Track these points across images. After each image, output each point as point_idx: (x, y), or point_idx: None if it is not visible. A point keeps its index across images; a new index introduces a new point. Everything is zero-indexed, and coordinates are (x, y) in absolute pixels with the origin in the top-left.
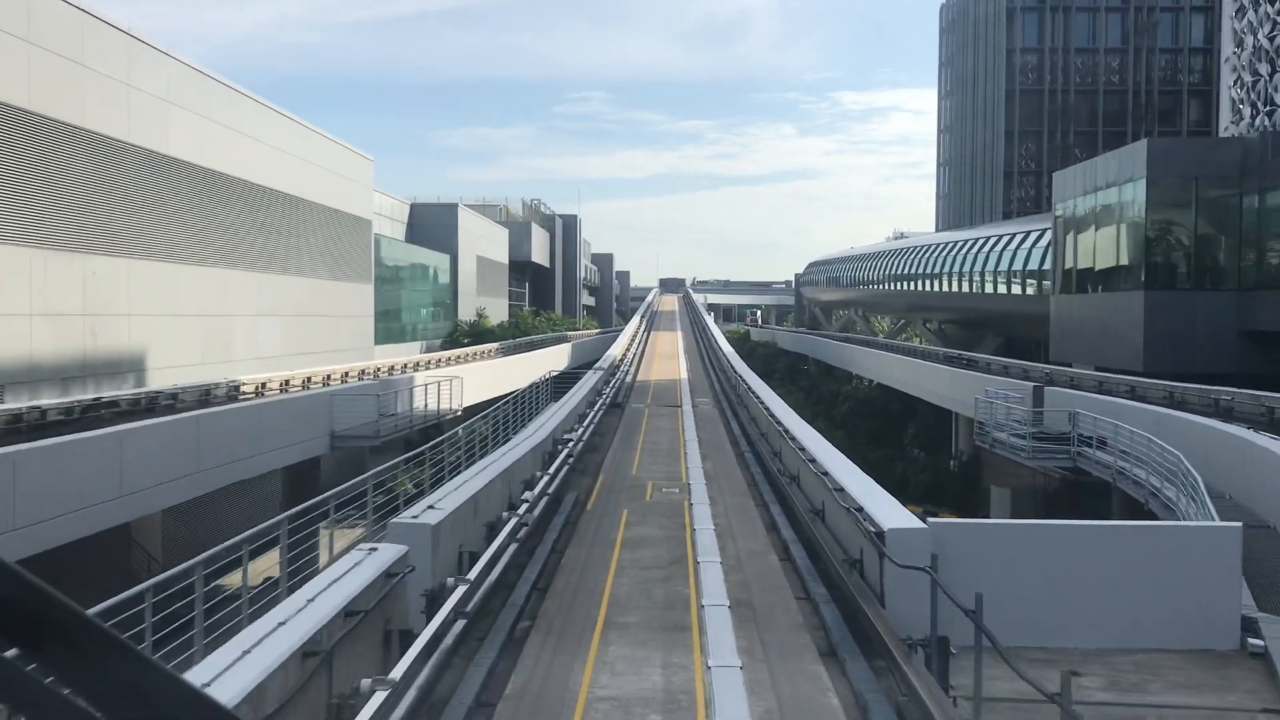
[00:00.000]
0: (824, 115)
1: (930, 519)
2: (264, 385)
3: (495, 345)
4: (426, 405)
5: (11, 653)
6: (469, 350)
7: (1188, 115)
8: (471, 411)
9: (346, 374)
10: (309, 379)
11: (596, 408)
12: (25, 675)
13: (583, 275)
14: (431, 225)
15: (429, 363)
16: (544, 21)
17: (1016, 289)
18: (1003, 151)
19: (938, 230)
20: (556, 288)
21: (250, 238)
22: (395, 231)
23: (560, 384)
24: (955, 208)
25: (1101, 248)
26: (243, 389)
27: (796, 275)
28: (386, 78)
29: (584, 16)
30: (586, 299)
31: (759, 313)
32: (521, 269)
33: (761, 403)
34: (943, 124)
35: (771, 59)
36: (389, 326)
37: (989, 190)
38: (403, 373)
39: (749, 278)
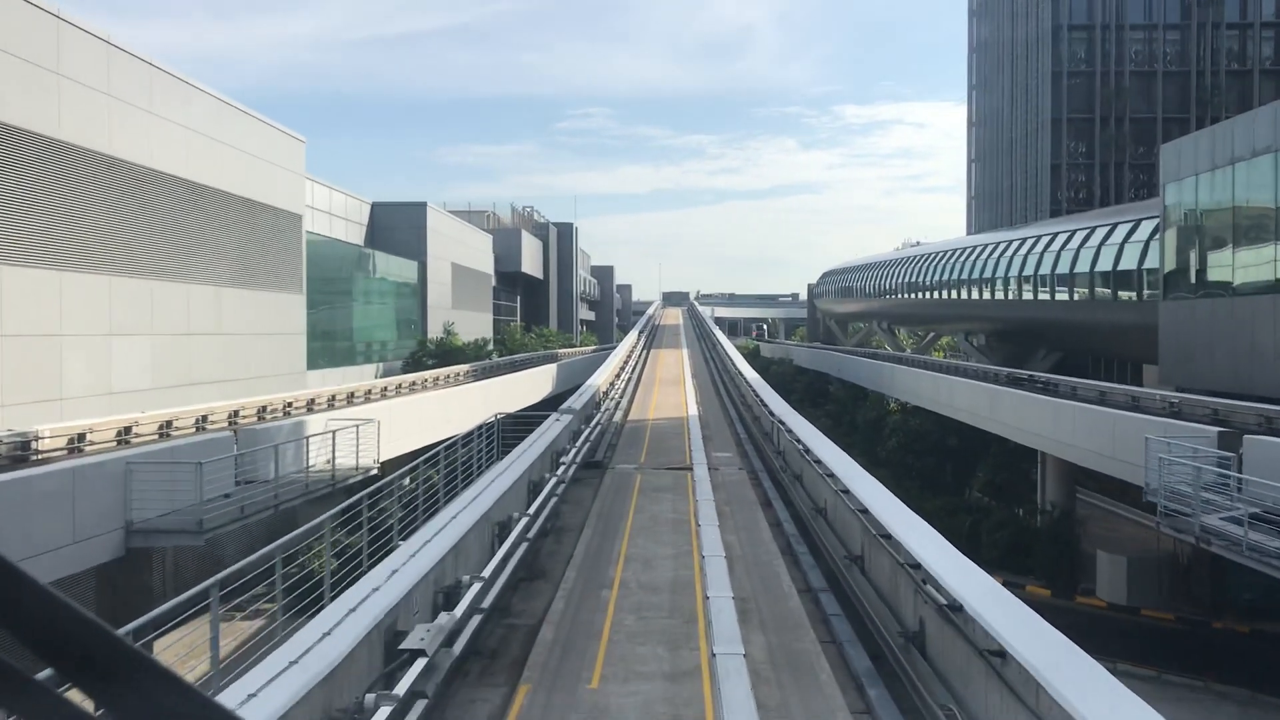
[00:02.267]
0: (825, 129)
1: None
2: (82, 437)
3: (465, 367)
4: (311, 465)
5: (46, 674)
6: (415, 377)
7: (1260, 99)
8: (391, 467)
9: (238, 413)
10: (167, 424)
11: (541, 501)
12: (55, 695)
13: (580, 288)
14: (396, 228)
15: (366, 393)
16: (546, 40)
17: (1081, 294)
18: (1049, 142)
19: (970, 233)
20: (551, 301)
21: (104, 229)
22: (352, 234)
23: (516, 429)
24: (991, 207)
25: (1245, 237)
26: (40, 446)
27: (809, 286)
28: (389, 96)
29: (586, 35)
30: (585, 313)
31: (765, 327)
32: (512, 281)
33: (842, 492)
34: (973, 116)
35: (773, 74)
36: (334, 346)
37: (1033, 186)
38: (329, 407)
39: (753, 291)
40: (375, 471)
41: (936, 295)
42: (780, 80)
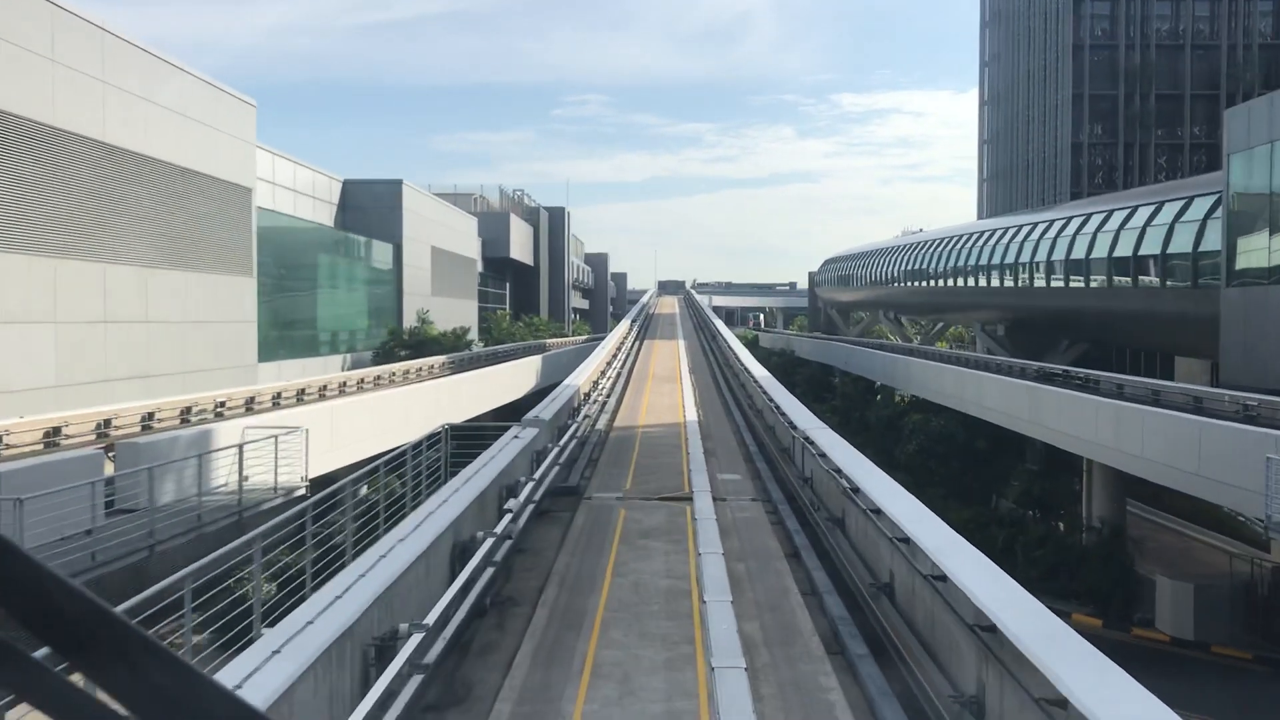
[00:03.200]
0: (823, 117)
1: None
2: None
3: (440, 360)
4: (216, 486)
5: (43, 652)
6: (381, 370)
7: None
8: (328, 483)
9: (153, 415)
10: (55, 431)
11: (464, 584)
12: (54, 675)
13: (573, 276)
14: (369, 207)
15: (321, 389)
16: (542, 25)
17: (1122, 281)
18: (1069, 119)
19: (981, 217)
20: (542, 289)
21: None
22: (321, 213)
23: (471, 440)
24: (1005, 190)
25: None
26: None
27: (811, 274)
28: (385, 83)
29: (582, 20)
30: (578, 301)
31: (762, 316)
32: (501, 267)
33: (935, 579)
34: (985, 95)
35: (770, 61)
36: (294, 336)
37: (1050, 167)
38: (273, 406)
39: (749, 280)
40: (302, 491)
41: (948, 283)
42: (777, 68)
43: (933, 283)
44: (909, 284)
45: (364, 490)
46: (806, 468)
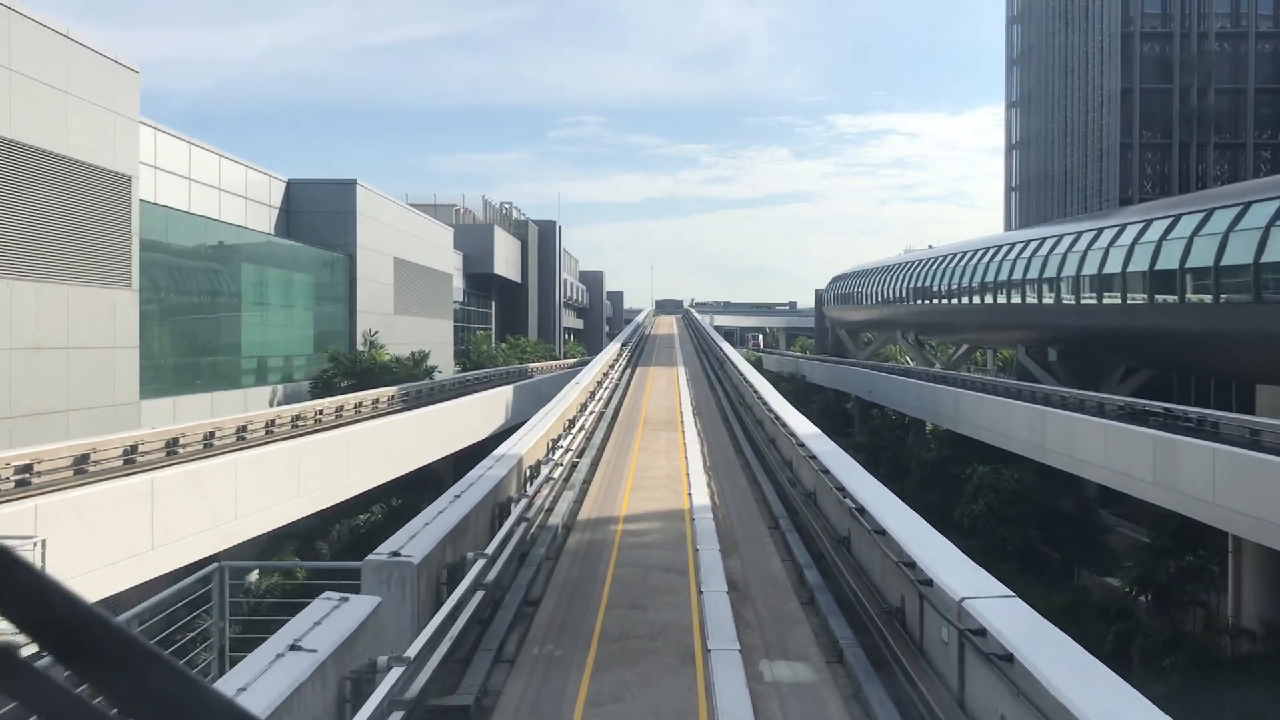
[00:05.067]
0: (819, 138)
1: None
2: None
3: (389, 391)
4: None
5: (46, 660)
6: (302, 408)
7: None
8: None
9: None
10: None
11: None
12: (57, 683)
13: (566, 294)
14: (318, 212)
15: (209, 435)
16: (543, 49)
17: (1238, 297)
18: (1117, 118)
19: (1010, 228)
20: (531, 307)
21: None
22: (258, 218)
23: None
24: (1038, 199)
25: None
26: None
27: (818, 291)
28: (382, 104)
29: (582, 42)
30: (573, 321)
31: (761, 336)
32: (485, 284)
33: None
34: (1013, 97)
35: (766, 83)
36: (204, 364)
37: (1094, 171)
38: (126, 466)
39: (747, 300)
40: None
41: (981, 299)
42: (774, 89)
43: (962, 300)
44: (932, 302)
45: None
46: (981, 699)
